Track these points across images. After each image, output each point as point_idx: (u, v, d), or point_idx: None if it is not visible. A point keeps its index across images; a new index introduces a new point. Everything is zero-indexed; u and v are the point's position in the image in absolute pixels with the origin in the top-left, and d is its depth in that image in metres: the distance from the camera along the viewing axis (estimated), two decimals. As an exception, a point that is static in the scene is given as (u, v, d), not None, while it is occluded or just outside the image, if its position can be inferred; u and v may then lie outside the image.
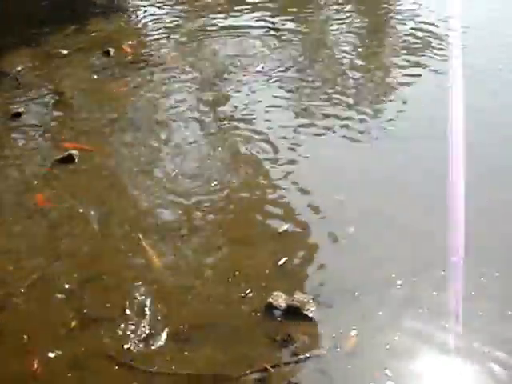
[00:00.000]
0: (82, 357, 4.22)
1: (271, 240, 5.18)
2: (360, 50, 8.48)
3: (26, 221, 5.65)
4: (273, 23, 9.13)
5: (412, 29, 8.81)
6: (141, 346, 4.27)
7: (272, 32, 8.87)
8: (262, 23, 9.15)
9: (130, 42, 8.85)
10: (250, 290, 4.62)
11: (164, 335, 4.33)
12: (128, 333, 4.37)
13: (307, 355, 4.12)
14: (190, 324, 4.40)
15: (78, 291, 4.75)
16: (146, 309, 4.54)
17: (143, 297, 4.64)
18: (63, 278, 4.89)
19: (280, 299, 4.51)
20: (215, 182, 5.93)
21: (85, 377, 4.10)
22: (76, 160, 6.39)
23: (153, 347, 4.25)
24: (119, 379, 4.08)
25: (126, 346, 4.27)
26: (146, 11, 9.89)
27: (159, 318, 4.48)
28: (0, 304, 4.67)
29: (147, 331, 4.37)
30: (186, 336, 4.32)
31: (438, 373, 4.02)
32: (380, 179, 5.79)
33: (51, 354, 4.24)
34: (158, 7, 9.97)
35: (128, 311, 4.52)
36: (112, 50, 8.53)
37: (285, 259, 4.91)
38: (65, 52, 8.63)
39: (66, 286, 4.80)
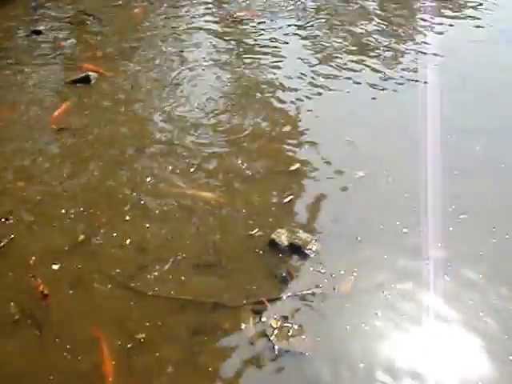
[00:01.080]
0: (85, 275, 4.33)
1: (281, 178, 5.21)
2: None
3: (41, 138, 5.72)
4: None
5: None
6: (142, 270, 4.36)
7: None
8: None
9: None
10: (257, 229, 4.66)
11: (168, 262, 4.41)
12: (131, 257, 4.46)
13: (304, 292, 4.19)
14: (194, 253, 4.48)
15: (86, 210, 4.84)
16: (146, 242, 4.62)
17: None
18: (72, 196, 4.98)
19: (283, 237, 4.56)
20: (228, 113, 5.94)
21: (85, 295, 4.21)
22: (92, 81, 6.40)
23: (155, 273, 4.33)
24: (118, 300, 4.17)
25: (127, 269, 4.36)
26: None
27: (164, 245, 4.55)
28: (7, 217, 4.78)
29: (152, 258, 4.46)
30: (188, 264, 4.40)
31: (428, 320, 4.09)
32: (394, 126, 5.75)
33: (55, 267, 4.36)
34: None
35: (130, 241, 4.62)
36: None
37: (290, 197, 4.95)
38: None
39: (73, 205, 4.89)
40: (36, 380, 3.69)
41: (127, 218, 4.80)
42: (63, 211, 4.84)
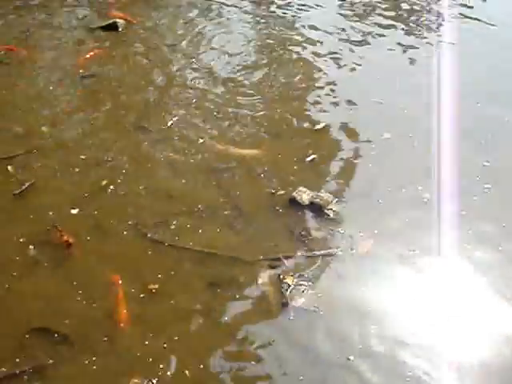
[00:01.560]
0: (104, 221, 4.34)
1: (306, 136, 5.15)
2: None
3: (65, 83, 5.70)
4: None
5: None
6: (162, 220, 4.35)
7: None
8: None
9: None
10: (279, 187, 4.62)
11: (188, 214, 4.40)
12: (151, 206, 4.46)
13: (322, 252, 4.16)
14: (215, 207, 4.46)
15: (110, 158, 4.85)
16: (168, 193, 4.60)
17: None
18: (96, 143, 4.97)
19: (304, 195, 4.51)
20: (259, 68, 5.87)
21: (103, 241, 4.23)
22: (120, 29, 6.36)
23: (174, 224, 4.32)
24: (135, 248, 4.18)
25: (147, 218, 4.36)
26: None
27: (186, 197, 4.54)
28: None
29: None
30: (208, 217, 4.39)
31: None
32: (424, 90, 5.64)
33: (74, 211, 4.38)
34: None
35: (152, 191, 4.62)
36: None
37: (314, 156, 4.89)
38: None
39: (96, 152, 4.88)
40: (50, 322, 3.71)
41: (151, 167, 4.78)
42: (85, 157, 4.84)
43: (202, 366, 3.53)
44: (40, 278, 3.98)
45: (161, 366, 3.50)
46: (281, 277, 3.99)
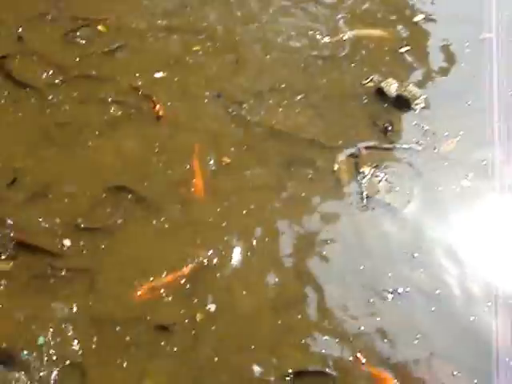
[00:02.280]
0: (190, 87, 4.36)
1: (402, 27, 4.91)
2: None
3: None
4: None
5: None
6: (247, 99, 4.33)
7: None
8: None
9: None
10: (367, 77, 4.48)
11: (274, 95, 4.34)
12: (237, 76, 4.44)
13: (403, 146, 4.08)
14: (303, 91, 4.39)
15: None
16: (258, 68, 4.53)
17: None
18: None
19: (392, 87, 4.38)
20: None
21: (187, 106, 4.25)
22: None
23: (259, 102, 4.28)
24: (218, 119, 4.20)
25: (231, 90, 4.35)
26: None
27: (274, 78, 4.47)
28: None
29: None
30: (294, 101, 4.32)
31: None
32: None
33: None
34: None
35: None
36: None
37: (407, 48, 4.70)
38: None
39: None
40: (127, 182, 3.81)
41: (244, 41, 4.71)
42: (179, 23, 4.79)
43: (267, 239, 3.61)
44: (122, 138, 4.07)
45: (225, 238, 3.59)
46: (358, 166, 3.95)
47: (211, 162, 3.93)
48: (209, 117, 4.20)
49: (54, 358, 3.14)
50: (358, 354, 3.19)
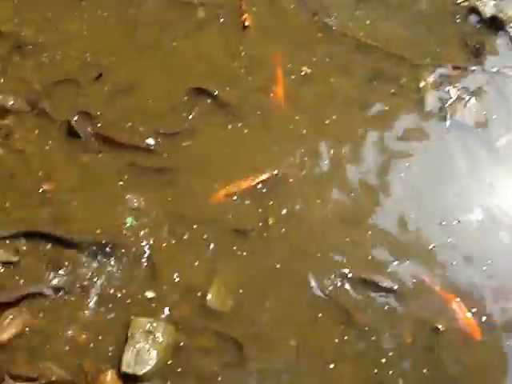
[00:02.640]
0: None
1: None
2: None
3: None
4: None
5: None
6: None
7: None
8: None
9: None
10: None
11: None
12: None
13: (494, 69, 3.93)
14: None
15: None
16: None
17: None
18: None
19: (486, 7, 4.18)
20: None
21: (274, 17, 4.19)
22: None
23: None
24: (304, 28, 4.14)
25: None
26: None
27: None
28: None
29: None
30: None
31: None
32: None
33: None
34: None
35: None
36: None
37: None
38: None
39: None
40: (209, 85, 3.81)
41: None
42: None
43: (345, 152, 3.59)
44: (206, 42, 4.05)
45: (304, 146, 3.59)
46: (444, 85, 3.84)
47: (293, 70, 3.89)
48: (294, 26, 4.14)
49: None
50: (425, 274, 3.20)
